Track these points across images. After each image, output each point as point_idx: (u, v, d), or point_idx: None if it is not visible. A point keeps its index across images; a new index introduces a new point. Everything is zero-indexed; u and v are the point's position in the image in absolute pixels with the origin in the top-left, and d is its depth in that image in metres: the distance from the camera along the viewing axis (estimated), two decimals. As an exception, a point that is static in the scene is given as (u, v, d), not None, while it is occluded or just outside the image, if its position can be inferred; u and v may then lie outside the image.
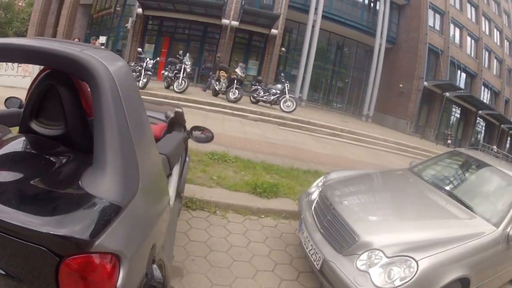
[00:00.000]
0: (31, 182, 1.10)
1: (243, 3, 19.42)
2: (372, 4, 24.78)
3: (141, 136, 1.35)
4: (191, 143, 3.23)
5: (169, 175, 2.70)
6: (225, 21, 19.38)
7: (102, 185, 1.10)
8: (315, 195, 3.41)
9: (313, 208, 3.21)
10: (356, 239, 2.55)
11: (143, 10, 19.55)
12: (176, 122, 2.90)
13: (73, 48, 1.25)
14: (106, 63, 1.25)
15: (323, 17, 21.16)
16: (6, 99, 2.26)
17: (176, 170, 2.74)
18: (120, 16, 23.09)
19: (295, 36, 23.66)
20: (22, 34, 34.86)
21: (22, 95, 2.30)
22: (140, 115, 1.41)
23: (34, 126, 1.43)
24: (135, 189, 1.20)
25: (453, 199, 3.19)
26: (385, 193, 3.62)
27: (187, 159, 3.44)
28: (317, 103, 24.16)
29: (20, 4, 60.56)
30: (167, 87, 13.84)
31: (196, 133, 2.90)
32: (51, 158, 1.32)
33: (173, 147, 2.18)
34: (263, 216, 4.12)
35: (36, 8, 25.34)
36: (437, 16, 24.39)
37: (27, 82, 11.75)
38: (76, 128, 1.42)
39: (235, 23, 19.43)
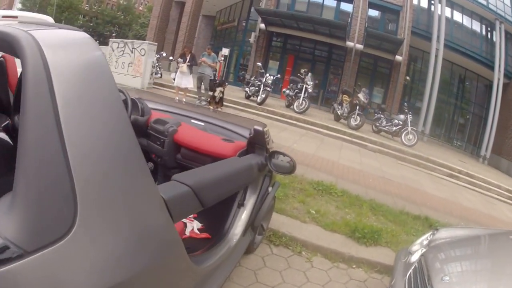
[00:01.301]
0: None
1: (366, 25, 18.79)
2: (489, 35, 21.32)
3: (99, 156, 1.01)
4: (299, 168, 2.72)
5: (240, 205, 2.50)
6: (349, 43, 19.00)
7: (6, 218, 0.85)
8: (415, 257, 2.87)
9: (408, 275, 2.71)
10: None
11: (266, 26, 19.92)
12: (256, 143, 2.50)
13: (11, 26, 0.97)
14: (45, 46, 0.91)
15: (445, 46, 19.00)
16: None
17: (251, 201, 2.55)
18: (244, 30, 23.98)
19: (419, 65, 21.77)
20: (142, 38, 36.71)
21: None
22: (102, 128, 1.03)
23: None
24: (63, 230, 0.90)
25: None
26: (487, 261, 2.90)
27: (269, 188, 2.92)
28: (439, 139, 21.69)
29: (140, 8, 67.32)
30: (288, 106, 13.96)
31: (278, 161, 2.50)
32: None
33: (209, 176, 1.73)
34: (354, 266, 3.65)
35: (155, 14, 27.87)
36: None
37: (137, 82, 12.59)
38: None
39: (359, 46, 18.91)
